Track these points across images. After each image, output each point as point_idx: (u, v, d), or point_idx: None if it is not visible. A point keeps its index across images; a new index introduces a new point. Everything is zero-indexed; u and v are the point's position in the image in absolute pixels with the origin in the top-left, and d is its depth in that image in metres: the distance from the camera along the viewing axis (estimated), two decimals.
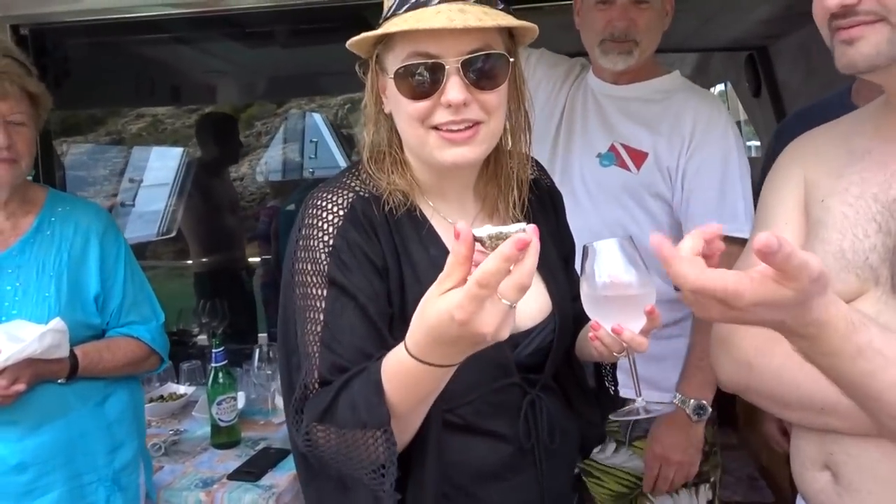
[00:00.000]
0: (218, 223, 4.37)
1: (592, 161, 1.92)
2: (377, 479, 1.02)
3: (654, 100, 1.91)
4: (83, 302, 1.75)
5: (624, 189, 1.87)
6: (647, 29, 1.83)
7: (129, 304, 1.84)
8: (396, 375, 0.97)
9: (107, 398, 1.80)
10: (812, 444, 1.13)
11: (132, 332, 1.84)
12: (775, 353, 1.09)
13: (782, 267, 0.79)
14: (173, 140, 5.05)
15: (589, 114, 1.97)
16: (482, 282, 0.82)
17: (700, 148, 1.82)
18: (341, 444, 1.04)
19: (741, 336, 1.16)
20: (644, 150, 1.86)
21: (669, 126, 1.85)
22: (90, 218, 1.81)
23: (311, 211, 1.15)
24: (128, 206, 4.71)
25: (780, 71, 3.75)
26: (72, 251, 1.75)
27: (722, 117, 1.86)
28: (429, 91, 1.07)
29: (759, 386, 1.14)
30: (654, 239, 0.86)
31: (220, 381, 2.19)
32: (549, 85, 2.07)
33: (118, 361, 1.78)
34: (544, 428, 1.22)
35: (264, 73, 4.10)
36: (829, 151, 1.19)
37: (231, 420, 2.21)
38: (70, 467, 1.70)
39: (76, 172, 3.70)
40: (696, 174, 1.82)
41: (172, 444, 2.23)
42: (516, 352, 1.21)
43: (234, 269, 4.35)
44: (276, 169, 6.16)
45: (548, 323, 1.25)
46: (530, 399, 1.21)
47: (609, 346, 1.11)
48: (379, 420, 0.99)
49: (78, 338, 1.72)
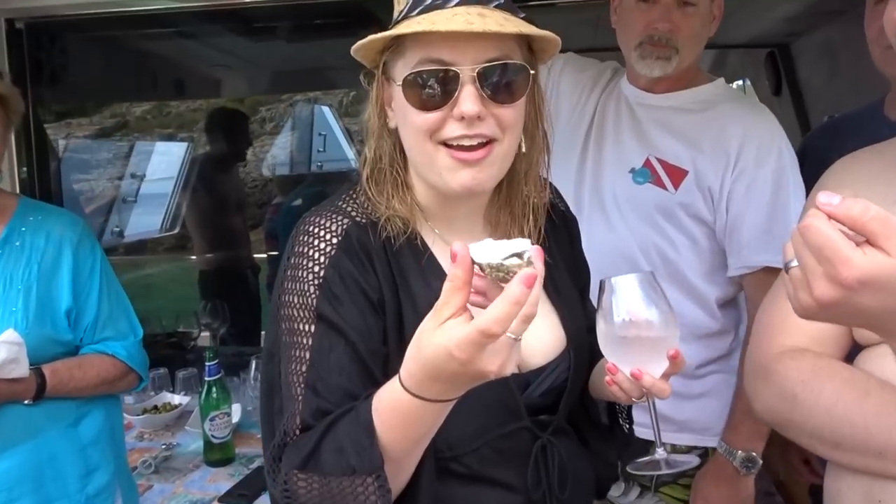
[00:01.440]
0: (224, 220, 4.30)
1: (625, 177, 1.73)
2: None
3: (693, 110, 1.72)
4: (53, 317, 1.66)
5: (659, 209, 1.69)
6: (690, 36, 1.65)
7: (105, 319, 1.75)
8: (389, 413, 0.89)
9: (80, 419, 1.71)
10: (856, 489, 1.00)
11: (107, 349, 1.75)
12: (825, 387, 0.98)
13: (862, 222, 0.70)
14: (178, 124, 4.96)
15: (622, 124, 1.79)
16: (488, 332, 0.76)
17: (749, 168, 1.63)
18: (325, 493, 0.93)
19: (786, 365, 1.05)
20: (683, 167, 1.67)
21: (713, 141, 1.66)
22: (63, 227, 1.72)
23: (301, 238, 1.05)
24: (129, 202, 4.63)
25: (802, 70, 3.61)
26: (42, 263, 1.66)
27: (775, 132, 1.67)
28: (440, 102, 0.97)
29: (803, 422, 1.02)
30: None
31: (214, 395, 2.11)
32: (577, 91, 1.90)
33: (91, 380, 1.69)
34: (555, 476, 1.11)
35: (269, 66, 4.01)
36: (882, 174, 1.07)
37: (224, 437, 2.12)
38: (39, 493, 1.61)
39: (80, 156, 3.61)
40: (744, 197, 1.63)
41: (164, 461, 2.15)
42: (527, 392, 1.10)
43: (240, 267, 4.28)
44: (282, 162, 6.06)
45: (562, 360, 1.14)
46: (541, 444, 1.10)
47: (627, 392, 1.01)
48: (370, 464, 0.89)
49: (48, 355, 1.63)
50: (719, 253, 1.69)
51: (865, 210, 0.71)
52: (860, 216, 0.71)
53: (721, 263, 1.69)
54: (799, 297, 0.76)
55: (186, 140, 4.89)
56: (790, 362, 1.03)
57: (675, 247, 1.69)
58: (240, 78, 4.17)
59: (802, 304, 0.76)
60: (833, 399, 0.96)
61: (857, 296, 0.72)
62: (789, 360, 1.03)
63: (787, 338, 1.06)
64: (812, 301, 0.74)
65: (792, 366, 1.03)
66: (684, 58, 1.66)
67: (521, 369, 1.10)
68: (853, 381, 0.97)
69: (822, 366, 1.00)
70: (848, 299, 0.72)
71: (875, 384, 0.95)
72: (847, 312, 0.76)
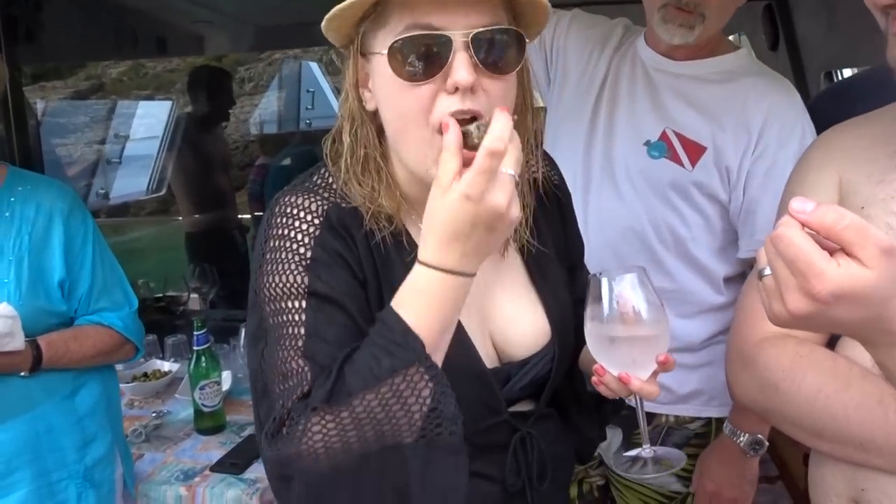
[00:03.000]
0: (210, 181, 4.23)
1: (639, 149, 1.63)
2: (434, 429, 0.85)
3: (715, 81, 1.62)
4: (47, 288, 1.62)
5: (673, 186, 1.60)
6: (720, 3, 1.53)
7: (99, 289, 1.71)
8: (412, 302, 0.87)
9: (77, 390, 1.69)
10: (840, 478, 0.99)
11: (103, 320, 1.71)
12: (807, 377, 0.96)
13: (836, 231, 0.68)
14: (156, 86, 4.82)
15: (637, 91, 1.68)
16: (493, 150, 0.80)
17: (771, 148, 1.54)
18: (363, 419, 0.83)
19: (766, 353, 1.02)
20: (702, 143, 1.58)
21: (734, 117, 1.56)
22: (53, 197, 1.66)
23: (280, 220, 0.98)
24: (114, 162, 4.54)
25: (799, 24, 3.54)
26: (33, 233, 1.61)
27: (798, 110, 1.58)
28: (431, 72, 0.89)
29: (785, 411, 1.00)
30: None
31: (203, 364, 2.08)
32: (587, 51, 1.77)
33: (87, 352, 1.66)
34: (534, 467, 1.09)
35: (252, 22, 3.88)
36: (868, 151, 1.03)
37: (215, 405, 2.10)
38: (37, 464, 1.59)
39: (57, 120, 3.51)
40: (763, 180, 1.55)
41: (154, 429, 2.13)
42: (508, 386, 1.07)
43: (227, 228, 4.22)
44: (270, 120, 5.95)
45: (546, 352, 1.11)
46: (520, 437, 1.08)
47: (615, 392, 0.99)
48: (411, 353, 0.84)
49: (43, 327, 1.60)
50: (731, 231, 1.63)
51: (840, 218, 0.68)
52: (834, 225, 0.68)
53: (732, 241, 1.64)
54: (772, 306, 0.74)
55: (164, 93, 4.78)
56: (771, 349, 1.00)
57: (687, 224, 1.62)
58: (222, 35, 4.05)
59: (776, 314, 0.74)
60: (814, 390, 0.94)
61: (831, 309, 0.70)
62: (770, 346, 1.01)
63: (768, 324, 1.03)
64: (785, 312, 0.72)
65: (773, 353, 1.00)
66: (710, 27, 1.55)
67: (503, 361, 1.08)
68: (835, 370, 0.95)
69: (803, 353, 0.97)
70: (822, 312, 0.70)
71: (857, 374, 0.93)
72: (822, 324, 0.75)
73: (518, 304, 1.12)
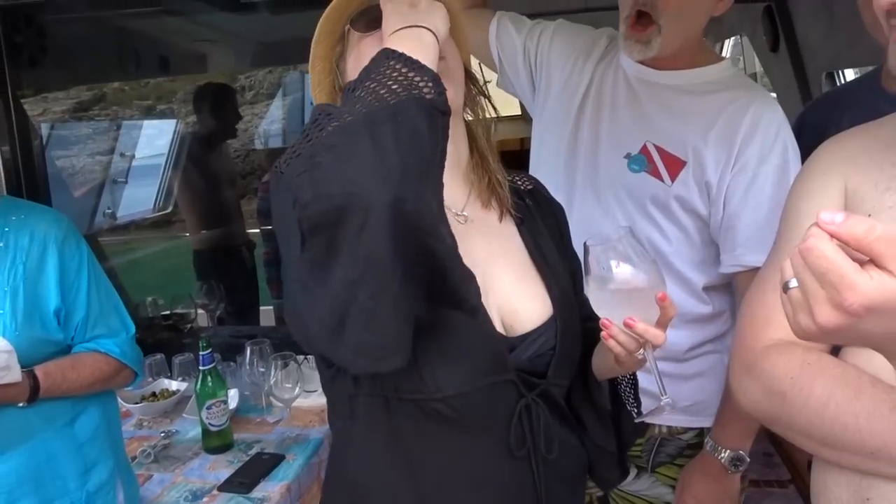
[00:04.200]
0: (216, 197, 4.25)
1: (620, 162, 1.63)
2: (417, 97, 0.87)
3: (695, 92, 1.60)
4: (42, 317, 1.62)
5: (653, 201, 1.60)
6: (677, 11, 1.49)
7: (95, 316, 1.71)
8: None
9: (76, 417, 1.68)
10: (843, 485, 0.97)
11: (100, 347, 1.71)
12: (815, 384, 0.95)
13: (867, 242, 0.66)
14: (157, 96, 4.85)
15: (619, 101, 1.67)
16: None
17: (752, 164, 1.53)
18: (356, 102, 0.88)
19: (773, 361, 1.01)
20: (682, 157, 1.57)
21: (717, 132, 1.55)
22: (48, 225, 1.67)
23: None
24: (120, 182, 4.58)
25: (799, 25, 3.53)
26: (28, 263, 1.61)
27: (781, 124, 1.56)
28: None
29: (792, 420, 0.99)
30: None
31: (209, 383, 2.09)
32: (571, 60, 1.77)
33: (84, 380, 1.66)
34: (541, 436, 1.10)
35: (255, 39, 3.92)
36: (873, 158, 1.02)
37: (222, 424, 2.11)
38: (39, 494, 1.59)
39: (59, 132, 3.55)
40: (743, 195, 1.54)
41: (163, 449, 2.14)
42: (513, 354, 1.09)
43: (234, 245, 4.24)
44: (275, 133, 5.97)
45: (548, 327, 1.13)
46: (525, 403, 1.09)
47: (624, 344, 1.01)
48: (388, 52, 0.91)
49: (40, 356, 1.60)
50: (712, 244, 1.62)
51: (871, 229, 0.66)
52: (865, 236, 0.66)
53: (714, 254, 1.63)
54: (799, 320, 0.72)
55: (167, 112, 4.80)
56: (777, 357, 0.99)
57: (667, 238, 1.62)
58: (224, 52, 4.08)
59: (803, 327, 0.72)
60: (824, 398, 0.93)
61: (861, 322, 0.68)
62: (777, 354, 0.99)
63: (774, 331, 1.02)
64: (814, 326, 0.70)
65: (779, 361, 0.99)
66: (671, 36, 1.53)
67: (508, 334, 1.11)
68: (844, 378, 0.93)
69: (811, 361, 0.95)
70: (853, 325, 0.68)
71: (867, 381, 0.91)
72: (851, 337, 0.72)
73: (519, 278, 1.16)
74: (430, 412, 1.03)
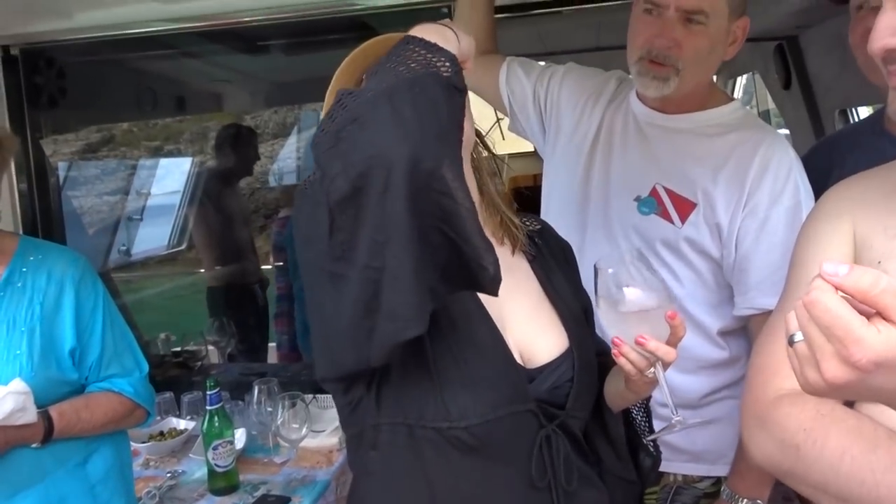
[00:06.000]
0: (232, 236, 4.28)
1: (630, 205, 1.62)
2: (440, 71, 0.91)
3: (707, 135, 1.60)
4: (58, 357, 1.63)
5: (664, 243, 1.59)
6: (694, 56, 1.50)
7: (110, 356, 1.72)
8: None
9: (89, 457, 1.68)
10: None
11: (113, 387, 1.72)
12: (830, 437, 0.91)
13: (873, 295, 0.64)
14: (165, 136, 4.92)
15: (629, 144, 1.67)
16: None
17: (763, 205, 1.51)
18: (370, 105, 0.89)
19: (785, 412, 0.98)
20: (692, 199, 1.56)
21: (728, 174, 1.54)
22: (65, 265, 1.69)
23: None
24: (136, 219, 4.64)
25: (811, 62, 3.53)
26: (45, 303, 1.63)
27: (792, 164, 1.54)
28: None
29: (807, 474, 0.95)
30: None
31: (216, 424, 2.07)
32: (581, 103, 1.78)
33: (98, 420, 1.66)
34: (561, 468, 1.10)
35: (269, 79, 3.98)
36: (882, 204, 1.00)
37: (228, 465, 2.09)
38: None
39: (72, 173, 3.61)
40: (755, 236, 1.52)
41: (168, 490, 2.12)
42: (532, 385, 1.11)
43: (248, 282, 4.26)
44: (289, 170, 6.03)
45: (565, 359, 1.15)
46: (545, 434, 1.10)
47: (635, 362, 1.03)
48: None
49: (54, 396, 1.61)
50: (727, 287, 1.60)
51: (876, 282, 0.65)
52: (871, 289, 0.65)
53: (728, 297, 1.61)
54: (807, 375, 0.71)
55: (175, 152, 4.86)
56: (790, 408, 0.96)
57: (680, 281, 1.60)
58: (240, 93, 4.15)
59: (811, 382, 0.71)
60: (839, 452, 0.89)
61: (871, 377, 0.66)
62: (789, 405, 0.96)
63: (784, 380, 0.98)
64: (822, 382, 0.69)
65: (792, 412, 0.96)
66: (687, 79, 1.53)
67: (526, 366, 1.12)
68: (860, 430, 0.90)
69: (824, 412, 0.92)
70: (862, 380, 0.67)
71: (883, 434, 0.88)
72: (861, 392, 0.71)
73: (535, 311, 1.19)
74: (452, 441, 1.04)
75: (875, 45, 0.83)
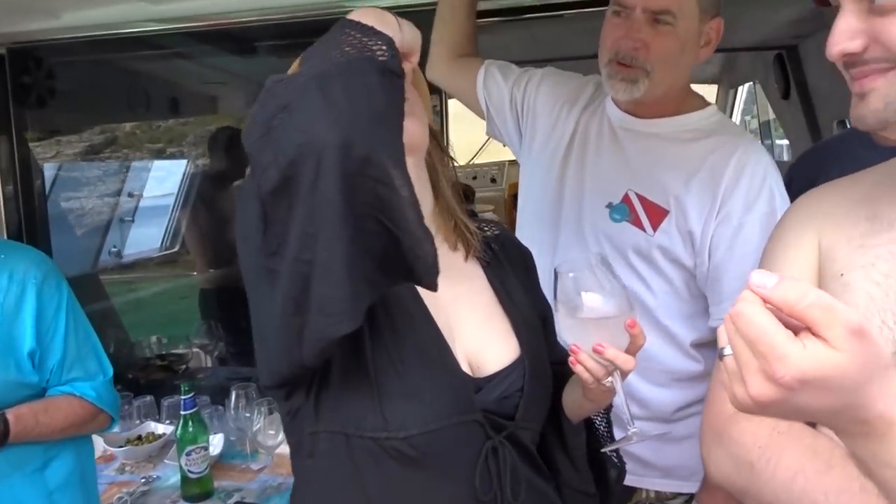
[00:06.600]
0: (225, 238, 4.25)
1: (602, 212, 1.59)
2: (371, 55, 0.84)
3: (681, 140, 1.56)
4: (17, 360, 1.59)
5: (636, 251, 1.55)
6: (662, 57, 1.46)
7: (72, 359, 1.68)
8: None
9: (48, 463, 1.64)
10: None
11: (75, 391, 1.68)
12: (784, 456, 0.88)
13: (799, 309, 0.61)
14: (168, 139, 4.91)
15: (603, 149, 1.64)
16: None
17: (737, 212, 1.47)
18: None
19: (741, 428, 0.94)
20: (664, 206, 1.52)
21: (701, 180, 1.50)
22: (27, 265, 1.65)
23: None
24: (127, 221, 4.62)
25: (810, 72, 3.49)
26: (5, 303, 1.59)
27: (768, 170, 1.50)
28: None
29: (760, 494, 0.91)
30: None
31: (190, 429, 2.04)
32: (557, 108, 1.75)
33: (58, 424, 1.62)
34: (507, 481, 1.05)
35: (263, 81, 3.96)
36: (847, 215, 0.96)
37: (202, 471, 2.05)
38: None
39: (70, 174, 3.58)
40: (729, 246, 1.48)
41: (140, 496, 2.09)
42: (479, 395, 1.06)
43: (240, 285, 4.21)
44: None
45: (514, 368, 1.10)
46: (491, 445, 1.04)
47: (592, 371, 0.98)
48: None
49: (13, 399, 1.57)
50: (701, 298, 1.55)
51: (803, 295, 0.61)
52: (797, 302, 0.61)
53: (703, 308, 1.56)
54: (734, 390, 0.67)
55: (177, 154, 4.85)
56: (747, 424, 0.92)
57: (652, 291, 1.56)
58: (234, 95, 4.13)
59: (738, 398, 0.67)
60: (792, 471, 0.85)
61: (796, 395, 0.63)
62: (746, 421, 0.92)
63: None
64: (748, 398, 0.65)
65: (748, 428, 0.92)
66: (657, 82, 1.49)
67: (474, 375, 1.07)
68: (815, 449, 0.86)
69: (781, 430, 0.88)
70: (787, 399, 0.63)
71: (839, 454, 0.83)
72: (789, 411, 0.66)
73: (486, 319, 1.14)
74: (391, 451, 0.99)
75: (833, 50, 0.79)
